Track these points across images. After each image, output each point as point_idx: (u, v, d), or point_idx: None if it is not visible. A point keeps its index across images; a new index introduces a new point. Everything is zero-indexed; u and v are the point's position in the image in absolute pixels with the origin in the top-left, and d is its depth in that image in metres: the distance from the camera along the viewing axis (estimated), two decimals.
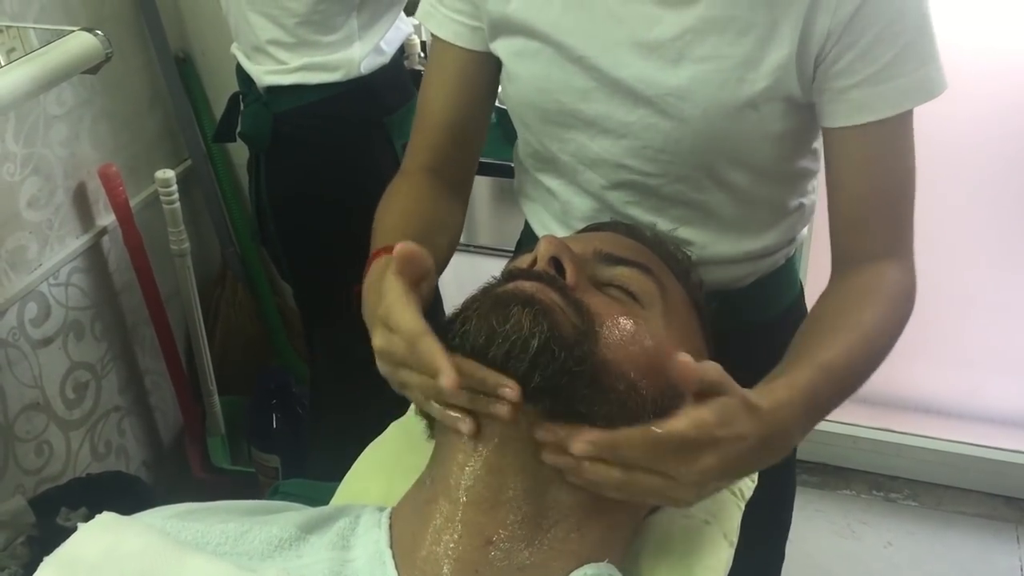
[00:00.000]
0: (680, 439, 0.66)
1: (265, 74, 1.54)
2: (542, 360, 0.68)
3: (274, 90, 1.55)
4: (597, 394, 0.70)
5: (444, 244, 0.99)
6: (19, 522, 1.72)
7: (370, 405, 1.26)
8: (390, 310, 0.72)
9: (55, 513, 1.74)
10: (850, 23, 0.85)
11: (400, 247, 0.74)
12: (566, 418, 0.69)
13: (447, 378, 0.65)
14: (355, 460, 0.95)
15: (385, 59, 1.55)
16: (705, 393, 0.68)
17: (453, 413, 0.70)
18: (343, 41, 1.50)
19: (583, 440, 0.66)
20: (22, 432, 1.80)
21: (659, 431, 0.66)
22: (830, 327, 0.89)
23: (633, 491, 0.68)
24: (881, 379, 0.91)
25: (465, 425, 0.69)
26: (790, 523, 1.30)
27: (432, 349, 0.67)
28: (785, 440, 0.75)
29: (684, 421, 0.67)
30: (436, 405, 0.71)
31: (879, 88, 0.87)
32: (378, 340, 0.74)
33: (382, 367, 0.75)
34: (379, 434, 0.98)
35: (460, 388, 0.66)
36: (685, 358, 0.66)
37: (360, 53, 1.51)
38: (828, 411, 0.82)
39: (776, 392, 0.74)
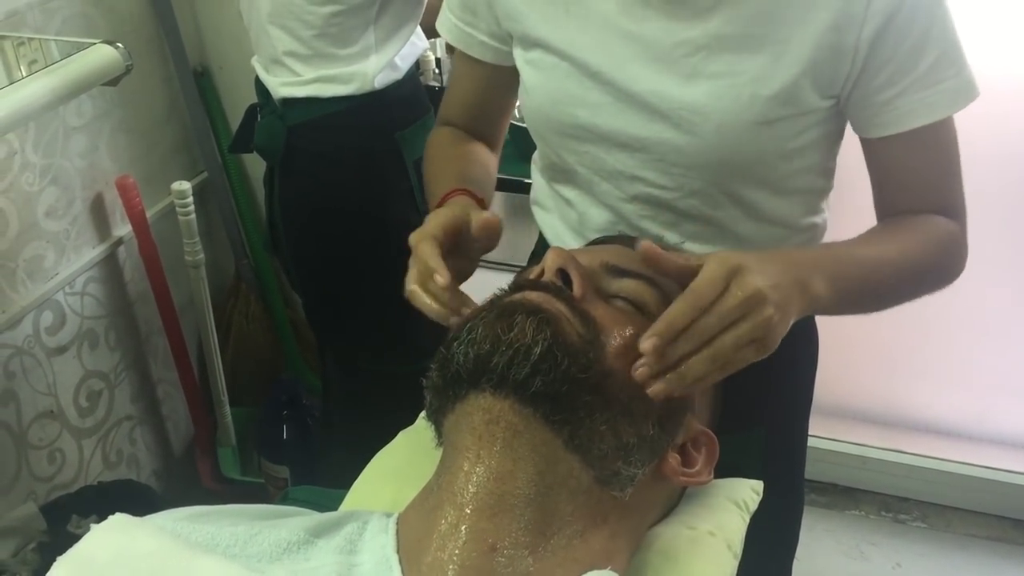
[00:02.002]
0: (713, 275, 0.71)
1: (281, 86, 1.56)
2: (544, 366, 0.70)
3: (289, 102, 1.57)
4: (600, 402, 0.71)
5: (489, 183, 1.12)
6: (30, 528, 1.73)
7: (380, 415, 1.27)
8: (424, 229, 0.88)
9: (66, 520, 1.75)
10: (880, 39, 0.87)
11: (483, 222, 0.88)
12: (566, 424, 0.70)
13: (440, 276, 0.82)
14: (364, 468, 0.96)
15: (399, 74, 1.57)
16: None
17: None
18: (359, 54, 1.51)
19: (646, 338, 0.71)
20: (35, 439, 1.81)
21: (694, 283, 0.72)
22: (867, 233, 0.95)
23: (721, 358, 0.71)
24: (891, 400, 0.92)
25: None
26: (797, 542, 1.30)
27: (428, 252, 0.84)
28: (803, 282, 0.78)
29: (705, 267, 0.72)
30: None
31: (924, 94, 0.90)
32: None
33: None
34: (388, 443, 0.99)
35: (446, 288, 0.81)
36: (646, 243, 0.75)
37: (375, 67, 1.52)
38: (854, 285, 0.86)
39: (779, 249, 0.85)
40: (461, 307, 0.82)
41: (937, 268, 0.96)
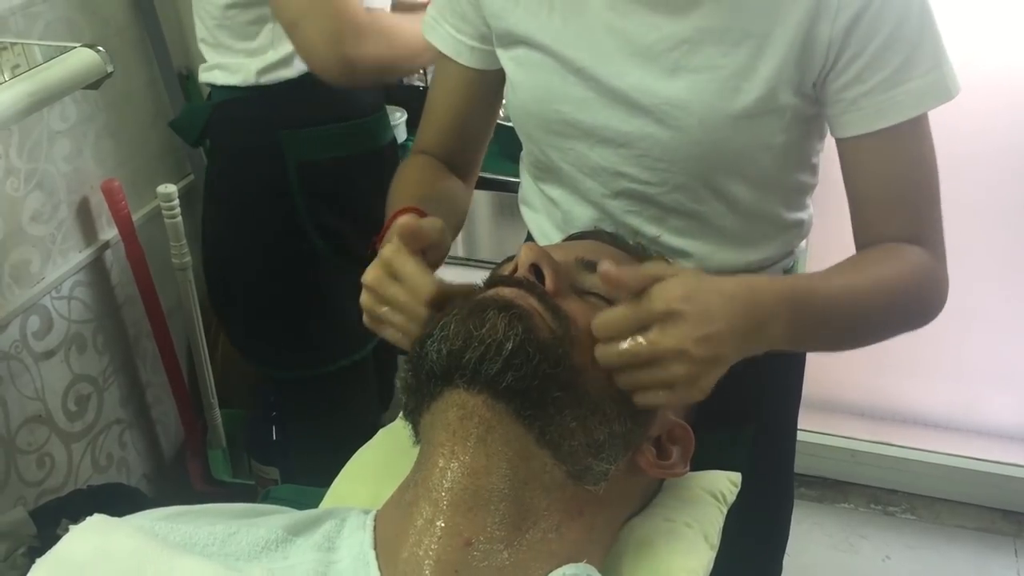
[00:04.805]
0: (641, 309, 0.71)
1: (200, 70, 1.57)
2: (515, 361, 0.70)
3: (207, 88, 1.58)
4: (570, 398, 0.71)
5: (453, 213, 1.06)
6: (20, 533, 1.73)
7: (327, 417, 1.26)
8: (385, 252, 0.82)
9: (56, 524, 1.75)
10: (852, 31, 0.86)
11: (401, 221, 0.82)
12: (537, 419, 0.71)
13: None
14: (329, 465, 0.96)
15: (292, 73, 1.49)
16: None
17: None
18: (256, 50, 1.48)
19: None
20: (24, 444, 1.81)
21: (621, 306, 0.73)
22: (839, 267, 0.91)
23: (631, 386, 0.73)
24: (880, 393, 0.92)
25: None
26: (787, 537, 1.30)
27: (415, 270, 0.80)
28: (759, 325, 0.76)
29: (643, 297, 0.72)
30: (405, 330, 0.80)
31: (891, 93, 0.88)
32: (369, 275, 0.83)
33: (365, 299, 0.83)
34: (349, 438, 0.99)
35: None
36: (607, 265, 0.72)
37: (262, 63, 1.48)
38: (816, 329, 0.84)
39: (748, 278, 0.79)
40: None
41: (911, 309, 0.93)
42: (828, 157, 1.03)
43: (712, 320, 0.72)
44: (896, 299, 0.90)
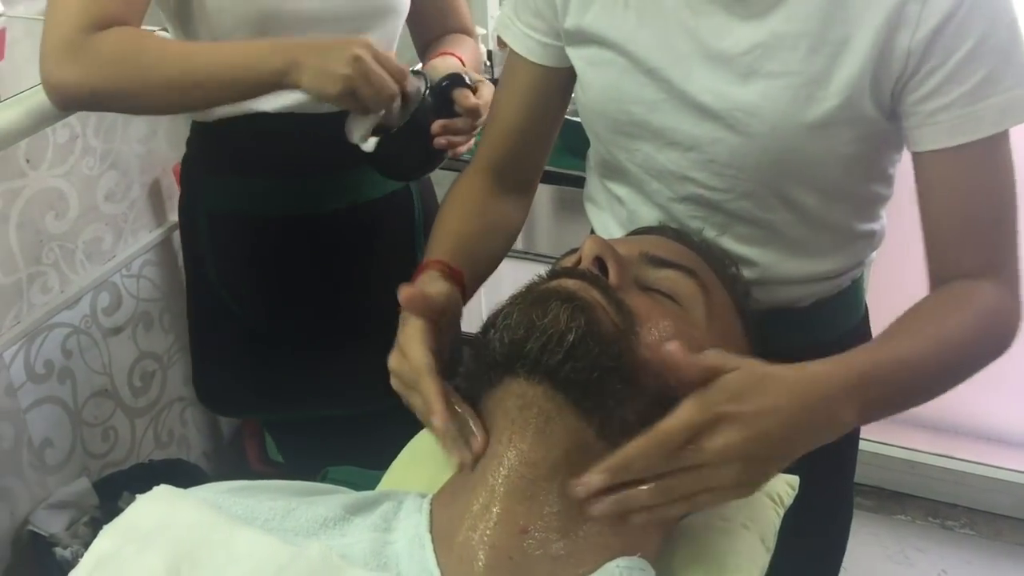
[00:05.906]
0: (685, 426, 0.65)
1: None
2: (577, 353, 0.70)
3: None
4: (630, 391, 0.71)
5: (497, 245, 1.06)
6: (83, 503, 1.78)
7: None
8: (406, 340, 0.80)
9: (117, 496, 1.80)
10: (934, 41, 0.83)
11: (406, 296, 0.80)
12: (597, 412, 0.71)
13: (438, 418, 0.74)
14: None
15: (208, 119, 1.33)
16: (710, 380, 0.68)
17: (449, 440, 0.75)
18: None
19: (596, 472, 0.66)
20: (90, 417, 1.87)
21: (662, 426, 0.66)
22: (902, 328, 0.86)
23: (673, 498, 0.67)
24: (942, 405, 0.88)
25: (459, 455, 0.74)
26: (844, 548, 1.28)
27: (429, 389, 0.76)
28: (828, 416, 0.72)
29: (684, 409, 0.66)
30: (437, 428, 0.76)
31: (974, 108, 0.84)
32: (393, 362, 0.82)
33: (394, 383, 0.82)
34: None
35: (448, 427, 0.74)
36: (673, 346, 0.67)
37: None
38: (888, 403, 0.79)
39: (813, 366, 0.73)
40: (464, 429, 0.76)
41: (979, 357, 0.89)
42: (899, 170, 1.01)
43: (770, 417, 0.68)
44: (964, 355, 0.87)
